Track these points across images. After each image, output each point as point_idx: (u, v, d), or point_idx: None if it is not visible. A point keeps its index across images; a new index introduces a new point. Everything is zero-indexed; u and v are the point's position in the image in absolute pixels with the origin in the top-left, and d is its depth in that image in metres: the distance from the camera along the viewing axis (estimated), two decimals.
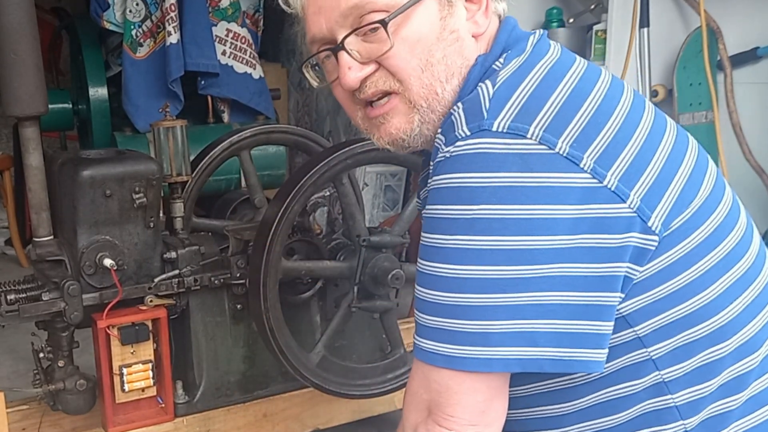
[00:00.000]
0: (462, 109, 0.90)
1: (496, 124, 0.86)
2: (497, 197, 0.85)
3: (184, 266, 1.83)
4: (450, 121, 0.90)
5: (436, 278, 0.89)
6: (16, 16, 1.63)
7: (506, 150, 0.85)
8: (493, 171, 0.85)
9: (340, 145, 1.80)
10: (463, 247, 0.86)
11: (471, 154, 0.86)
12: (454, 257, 0.87)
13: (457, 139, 0.88)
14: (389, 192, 3.83)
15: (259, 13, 3.59)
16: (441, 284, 0.88)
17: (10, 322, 1.71)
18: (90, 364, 1.85)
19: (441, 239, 0.88)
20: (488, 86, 0.90)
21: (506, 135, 0.85)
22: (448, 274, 0.87)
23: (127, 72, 3.28)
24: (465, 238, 0.86)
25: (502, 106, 0.87)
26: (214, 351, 1.92)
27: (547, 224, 0.84)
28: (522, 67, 0.92)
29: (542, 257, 0.84)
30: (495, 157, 0.85)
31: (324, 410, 2.04)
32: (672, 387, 0.92)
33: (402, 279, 1.81)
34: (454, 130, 0.89)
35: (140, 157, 1.83)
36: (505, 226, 0.85)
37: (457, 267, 0.87)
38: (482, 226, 0.85)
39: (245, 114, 3.47)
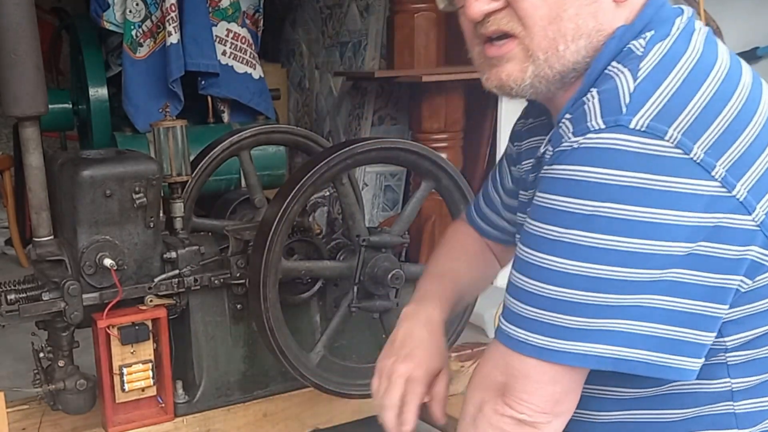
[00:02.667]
0: (598, 99, 0.86)
1: (634, 122, 0.83)
2: (623, 196, 0.82)
3: (184, 266, 1.83)
4: (582, 109, 0.87)
5: (541, 269, 0.87)
6: (16, 16, 1.63)
7: (641, 150, 0.82)
8: (624, 169, 0.82)
9: (340, 145, 1.81)
10: (577, 242, 0.84)
11: (603, 148, 0.83)
12: (565, 251, 0.85)
13: (588, 131, 0.84)
14: (389, 192, 3.83)
15: (259, 13, 3.59)
16: (546, 276, 0.86)
17: (11, 321, 1.71)
18: (90, 364, 1.85)
19: (553, 231, 0.86)
20: (628, 78, 0.86)
21: (643, 134, 0.82)
22: (557, 268, 0.86)
23: (127, 72, 3.29)
24: (581, 233, 0.84)
25: (643, 103, 0.84)
26: (214, 351, 1.92)
27: (669, 230, 0.82)
28: (665, 60, 0.87)
29: (658, 262, 0.83)
30: (628, 156, 0.82)
31: (324, 410, 2.04)
32: (737, 395, 0.92)
33: (402, 279, 1.81)
34: (586, 120, 0.85)
35: (140, 157, 1.83)
36: (626, 227, 0.82)
37: (567, 261, 0.85)
38: (601, 224, 0.83)
39: (245, 114, 3.47)
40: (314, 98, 4.37)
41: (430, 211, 3.22)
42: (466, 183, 1.93)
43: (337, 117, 4.11)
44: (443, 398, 1.26)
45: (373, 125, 3.81)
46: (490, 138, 3.48)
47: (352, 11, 4.01)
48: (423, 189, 1.91)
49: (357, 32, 3.98)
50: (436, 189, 1.93)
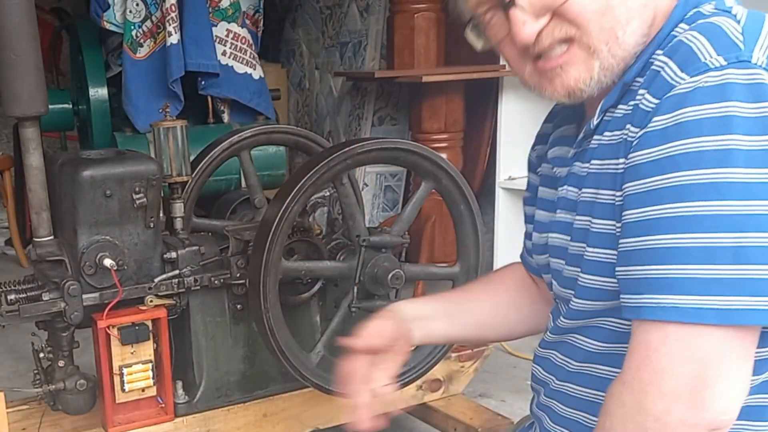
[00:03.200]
0: (704, 38, 0.82)
1: (755, 57, 0.80)
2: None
3: (184, 266, 1.83)
4: (687, 49, 0.83)
5: (704, 218, 0.78)
6: (16, 16, 1.63)
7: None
8: (767, 101, 0.78)
9: (340, 146, 1.81)
10: (746, 181, 0.77)
11: (738, 84, 0.79)
12: (733, 192, 0.77)
13: (708, 69, 0.80)
14: (389, 192, 3.83)
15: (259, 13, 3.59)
16: (715, 224, 0.77)
17: (11, 322, 1.71)
18: (90, 364, 1.85)
19: (712, 174, 0.78)
20: (730, 21, 0.84)
21: (765, 69, 0.80)
22: (727, 211, 0.77)
23: (128, 72, 3.29)
24: (748, 171, 0.77)
25: (755, 40, 0.82)
26: (214, 351, 1.92)
27: None
28: (752, 14, 0.86)
29: None
30: (765, 88, 0.79)
31: (324, 410, 2.04)
32: None
33: (402, 279, 1.81)
34: (699, 59, 0.81)
35: (140, 158, 1.83)
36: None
37: (739, 203, 0.77)
38: (761, 158, 0.77)
39: (245, 114, 3.47)
40: (314, 98, 4.38)
41: (430, 211, 3.22)
42: (466, 183, 1.93)
43: (337, 117, 4.11)
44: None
45: (373, 125, 3.81)
46: (490, 138, 3.48)
47: (352, 11, 4.01)
48: (423, 189, 1.91)
49: (357, 32, 3.99)
50: (436, 189, 1.93)
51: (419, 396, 2.18)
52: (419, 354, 1.96)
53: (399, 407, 2.16)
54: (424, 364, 1.96)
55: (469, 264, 1.95)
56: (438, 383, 2.19)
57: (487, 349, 2.29)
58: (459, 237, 1.97)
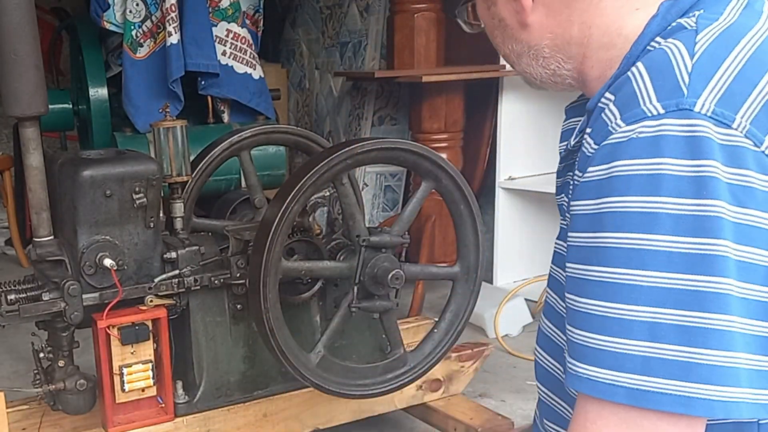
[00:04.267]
0: (648, 78, 0.75)
1: (699, 105, 0.71)
2: (712, 191, 0.69)
3: (184, 266, 1.83)
4: (630, 90, 0.76)
5: (623, 287, 0.71)
6: (16, 16, 1.63)
7: (713, 137, 0.70)
8: (705, 158, 0.70)
9: (340, 146, 1.81)
10: (671, 250, 0.70)
11: (674, 136, 0.71)
12: (655, 262, 0.70)
13: (645, 117, 0.73)
14: (389, 192, 3.83)
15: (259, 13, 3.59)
16: (632, 295, 0.71)
17: (11, 322, 1.71)
18: (90, 364, 1.85)
19: (635, 239, 0.71)
20: (683, 53, 0.75)
21: (711, 119, 0.71)
22: (648, 282, 0.70)
23: (128, 72, 3.29)
24: (673, 240, 0.70)
25: (706, 81, 0.72)
26: (214, 351, 1.92)
27: (759, 236, 0.70)
28: (726, 35, 0.76)
29: (752, 275, 0.70)
30: (704, 143, 0.70)
31: (324, 410, 2.04)
32: None
33: (402, 279, 1.81)
34: (639, 103, 0.74)
35: (140, 158, 1.83)
36: (730, 230, 0.69)
37: (660, 275, 0.70)
38: (703, 226, 0.69)
39: (245, 114, 3.48)
40: (314, 98, 4.38)
41: (430, 211, 3.23)
42: (466, 183, 1.93)
43: (337, 117, 4.11)
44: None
45: (373, 125, 3.81)
46: (490, 138, 3.49)
47: (352, 11, 4.01)
48: (423, 189, 1.91)
49: (357, 32, 3.99)
50: (436, 189, 1.93)
51: (419, 396, 2.18)
52: (419, 354, 1.96)
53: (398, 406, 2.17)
54: (424, 364, 1.96)
55: (469, 264, 1.95)
56: (438, 383, 2.19)
57: (486, 349, 2.29)
58: (459, 237, 1.97)
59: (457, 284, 1.97)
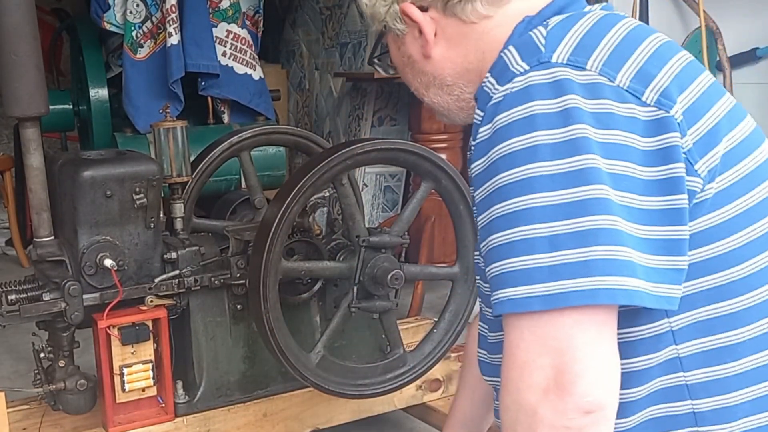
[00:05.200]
0: (515, 49, 0.91)
1: (555, 57, 0.87)
2: (577, 118, 0.83)
3: (185, 266, 1.84)
4: (501, 63, 0.92)
5: (520, 213, 0.83)
6: (16, 17, 1.63)
7: (571, 78, 0.85)
8: (568, 94, 0.84)
9: (340, 146, 1.81)
10: (552, 172, 0.82)
11: (537, 84, 0.85)
12: (542, 185, 0.82)
13: (515, 75, 0.88)
14: (389, 193, 3.84)
15: (258, 14, 3.60)
16: (529, 217, 0.82)
17: (11, 322, 1.71)
18: (90, 364, 1.85)
19: (523, 171, 0.83)
20: (540, 31, 0.92)
21: (567, 65, 0.86)
22: (539, 203, 0.82)
23: (128, 73, 3.30)
24: (553, 163, 0.82)
25: (558, 42, 0.89)
26: (214, 351, 1.93)
27: (625, 150, 0.83)
28: (570, 18, 0.93)
29: (625, 184, 0.82)
30: (565, 83, 0.84)
31: (324, 410, 2.04)
32: (686, 364, 0.90)
33: (401, 279, 1.82)
34: (509, 67, 0.90)
35: (140, 158, 1.83)
36: (597, 147, 0.82)
37: (548, 194, 0.82)
38: (574, 146, 0.82)
39: (245, 115, 3.48)
40: (314, 99, 4.38)
41: (429, 211, 3.23)
42: (466, 183, 1.93)
43: (337, 118, 4.11)
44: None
45: (372, 126, 3.82)
46: None
47: (351, 12, 4.02)
48: (423, 190, 1.91)
49: (357, 33, 3.99)
50: (436, 189, 1.93)
51: (419, 396, 2.18)
52: (418, 354, 1.96)
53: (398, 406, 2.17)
54: (423, 364, 1.96)
55: (468, 264, 1.96)
56: (438, 383, 2.19)
57: None
58: (458, 237, 1.97)
59: (456, 284, 1.97)
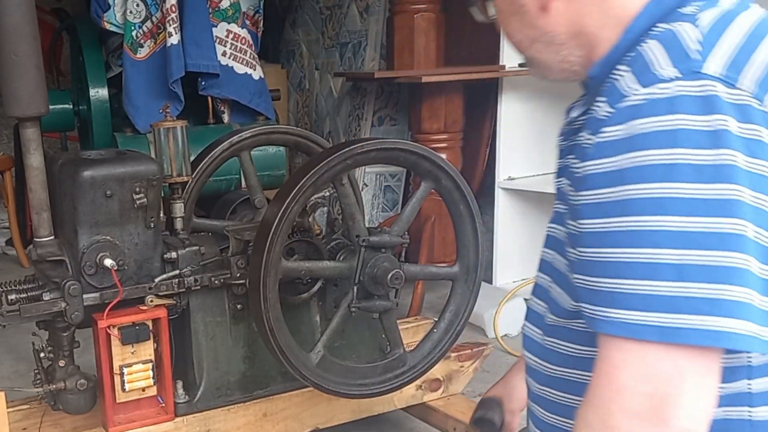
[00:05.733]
0: (661, 47, 0.82)
1: (709, 68, 0.79)
2: (727, 142, 0.76)
3: (185, 266, 1.84)
4: (643, 60, 0.83)
5: (654, 234, 0.77)
6: (16, 17, 1.63)
7: (723, 96, 0.78)
8: (719, 113, 0.77)
9: (340, 146, 1.81)
10: (691, 196, 0.76)
11: (689, 96, 0.78)
12: (677, 208, 0.76)
13: (660, 80, 0.80)
14: (389, 192, 3.84)
15: (259, 14, 3.60)
16: (663, 239, 0.77)
17: (11, 322, 1.71)
18: (91, 364, 1.85)
19: (657, 188, 0.77)
20: (689, 29, 0.83)
21: (720, 80, 0.78)
22: (673, 227, 0.76)
23: (128, 73, 3.30)
24: (693, 186, 0.76)
25: (712, 48, 0.81)
26: (214, 351, 1.93)
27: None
28: (723, 16, 0.85)
29: (764, 221, 0.77)
30: (716, 100, 0.77)
31: (324, 410, 2.04)
32: (755, 399, 0.86)
33: (401, 279, 1.82)
34: (652, 69, 0.81)
35: (140, 158, 1.83)
36: (744, 177, 0.76)
37: (683, 219, 0.76)
38: (720, 173, 0.76)
39: (245, 115, 3.48)
40: (314, 99, 4.38)
41: (429, 211, 3.23)
42: (466, 183, 1.93)
43: (337, 117, 4.11)
44: None
45: (372, 126, 3.82)
46: (490, 138, 3.49)
47: (351, 12, 4.02)
48: (422, 189, 1.91)
49: (357, 33, 3.99)
50: (436, 189, 1.93)
51: (419, 396, 2.18)
52: (418, 354, 1.96)
53: (398, 406, 2.17)
54: (423, 363, 1.96)
55: (468, 264, 1.96)
56: (438, 383, 2.19)
57: (486, 348, 2.29)
58: (458, 237, 1.97)
59: (456, 284, 1.97)
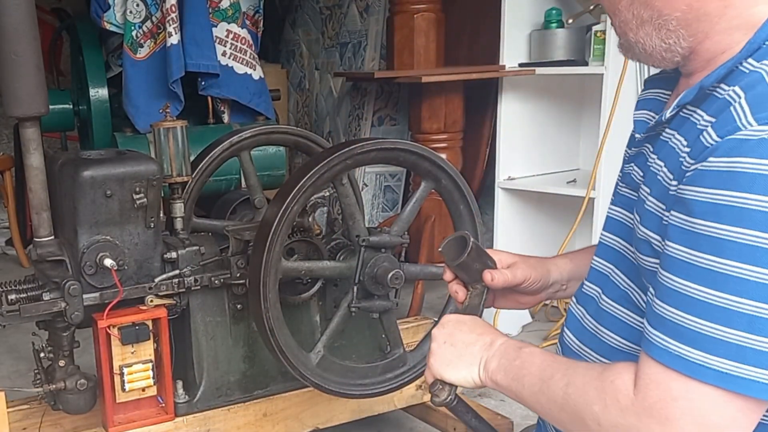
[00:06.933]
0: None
1: None
2: None
3: (185, 266, 1.84)
4: (763, 89, 0.80)
5: (729, 279, 0.76)
6: (16, 17, 1.63)
7: None
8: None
9: (340, 146, 1.81)
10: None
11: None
12: (764, 259, 0.75)
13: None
14: (389, 192, 3.84)
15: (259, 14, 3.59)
16: (738, 288, 0.76)
17: (11, 321, 1.71)
18: (90, 364, 1.85)
19: (747, 235, 0.75)
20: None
21: None
22: (753, 278, 0.75)
23: (128, 73, 3.29)
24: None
25: None
26: (214, 351, 1.93)
27: None
28: None
29: None
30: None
31: (323, 410, 2.04)
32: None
33: (401, 279, 1.82)
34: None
35: (140, 158, 1.83)
36: None
37: (765, 272, 0.75)
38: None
39: (245, 114, 3.48)
40: (314, 99, 4.38)
41: (429, 211, 3.23)
42: (466, 183, 1.93)
43: (337, 117, 4.11)
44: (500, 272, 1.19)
45: (372, 126, 3.82)
46: (490, 138, 3.49)
47: (351, 12, 4.02)
48: (422, 189, 1.91)
49: (357, 33, 3.99)
50: (436, 189, 1.93)
51: (419, 396, 2.18)
52: (418, 353, 1.96)
53: (398, 406, 2.17)
54: (423, 363, 1.96)
55: None
56: None
57: None
58: None
59: None
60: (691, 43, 0.91)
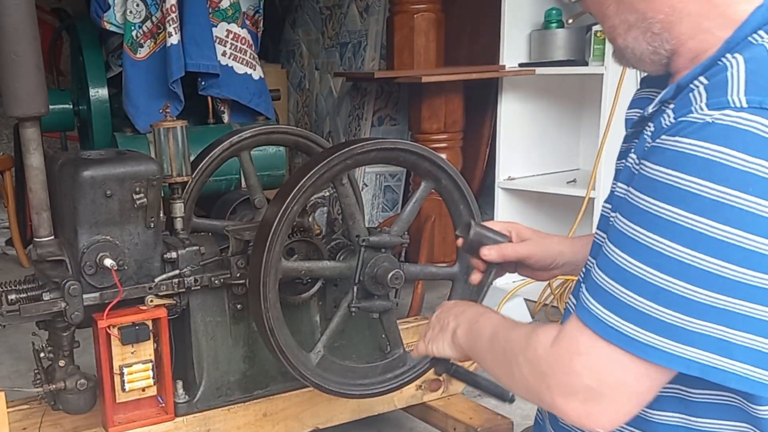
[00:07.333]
0: (743, 70, 0.81)
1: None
2: (760, 189, 0.76)
3: (185, 266, 1.84)
4: (723, 77, 0.82)
5: (652, 253, 0.80)
6: (16, 17, 1.63)
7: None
8: (765, 159, 0.76)
9: (340, 146, 1.81)
10: (702, 231, 0.77)
11: (744, 131, 0.77)
12: (686, 239, 0.78)
13: (727, 106, 0.78)
14: (389, 192, 3.84)
15: (259, 14, 3.60)
16: (659, 262, 0.80)
17: (11, 321, 1.71)
18: (90, 364, 1.85)
19: (674, 213, 0.79)
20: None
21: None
22: (673, 255, 0.79)
23: (128, 73, 3.29)
24: (707, 222, 0.77)
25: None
26: (214, 351, 1.93)
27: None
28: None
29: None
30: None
31: (323, 410, 2.04)
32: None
33: (401, 279, 1.82)
34: (726, 93, 0.80)
35: (140, 158, 1.83)
36: (760, 225, 0.76)
37: (686, 251, 0.78)
38: (732, 216, 0.76)
39: (245, 114, 3.48)
40: (314, 99, 4.38)
41: (429, 211, 3.23)
42: (466, 183, 1.93)
43: (337, 117, 4.11)
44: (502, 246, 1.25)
45: (372, 126, 3.82)
46: (490, 138, 3.49)
47: (351, 12, 4.02)
48: (422, 189, 1.91)
49: (357, 33, 3.99)
50: (436, 189, 1.93)
51: (419, 396, 2.18)
52: None
53: (398, 406, 2.17)
54: (423, 363, 1.96)
55: (468, 264, 1.96)
56: (438, 383, 2.19)
57: None
58: None
59: (456, 284, 1.97)
60: (674, 45, 0.93)
